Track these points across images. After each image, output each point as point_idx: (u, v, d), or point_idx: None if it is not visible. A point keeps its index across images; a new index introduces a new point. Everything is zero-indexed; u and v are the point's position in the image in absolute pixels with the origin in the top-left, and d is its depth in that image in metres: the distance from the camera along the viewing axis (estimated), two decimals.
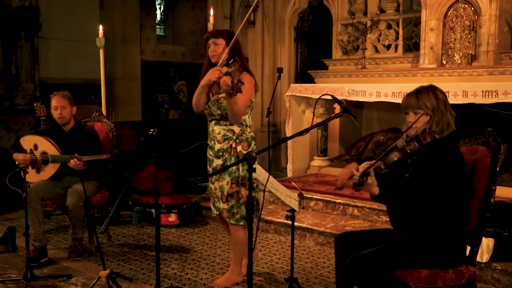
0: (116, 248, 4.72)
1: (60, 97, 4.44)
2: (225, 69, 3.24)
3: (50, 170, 4.33)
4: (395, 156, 2.55)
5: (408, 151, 2.56)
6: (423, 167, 2.58)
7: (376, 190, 2.56)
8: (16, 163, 4.21)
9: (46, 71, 8.77)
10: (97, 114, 5.07)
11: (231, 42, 3.39)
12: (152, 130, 3.23)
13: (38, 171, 4.35)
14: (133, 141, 7.91)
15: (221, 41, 3.48)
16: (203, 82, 3.42)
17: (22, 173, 3.84)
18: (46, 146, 4.32)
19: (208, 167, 3.69)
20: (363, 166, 2.59)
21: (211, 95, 3.52)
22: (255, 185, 3.48)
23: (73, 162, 4.08)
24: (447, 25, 5.60)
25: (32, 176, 4.29)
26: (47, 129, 4.53)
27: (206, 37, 3.55)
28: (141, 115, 10.03)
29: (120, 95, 9.78)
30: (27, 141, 4.37)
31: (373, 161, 2.57)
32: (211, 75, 3.32)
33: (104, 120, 4.98)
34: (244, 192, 3.52)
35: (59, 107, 4.42)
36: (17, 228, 4.73)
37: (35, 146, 4.33)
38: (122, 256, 4.47)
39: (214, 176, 3.58)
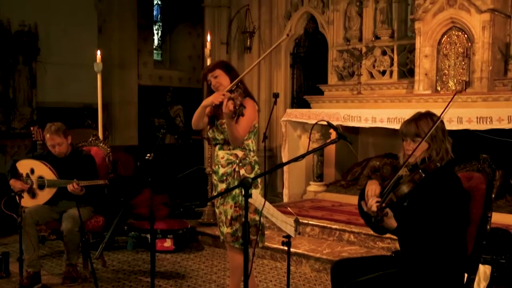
0: (111, 274, 4.67)
1: (54, 135, 4.35)
2: (228, 94, 3.32)
3: (46, 194, 4.31)
4: (406, 188, 2.51)
5: (417, 181, 2.54)
6: (424, 196, 2.56)
7: (394, 223, 2.51)
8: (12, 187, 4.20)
9: (43, 95, 8.81)
10: (93, 138, 5.07)
11: (237, 79, 3.47)
12: (148, 155, 3.24)
13: (33, 196, 4.33)
14: (129, 165, 7.90)
15: (219, 72, 3.54)
16: (205, 102, 3.48)
17: (17, 198, 3.83)
18: (43, 170, 4.31)
19: (213, 192, 3.70)
20: (375, 202, 2.54)
21: (216, 120, 3.56)
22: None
23: (71, 187, 4.07)
24: (441, 51, 5.67)
25: (27, 201, 4.27)
26: (44, 153, 4.52)
27: (203, 75, 3.61)
28: (138, 139, 10.05)
29: (117, 119, 9.81)
30: (24, 165, 4.36)
31: (383, 197, 2.54)
32: (214, 98, 3.38)
33: (101, 144, 4.98)
34: (248, 215, 3.53)
35: (56, 145, 4.39)
36: (11, 253, 4.68)
37: (32, 170, 4.32)
38: (116, 282, 4.42)
39: (219, 200, 3.59)
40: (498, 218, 4.42)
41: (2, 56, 8.30)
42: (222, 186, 3.58)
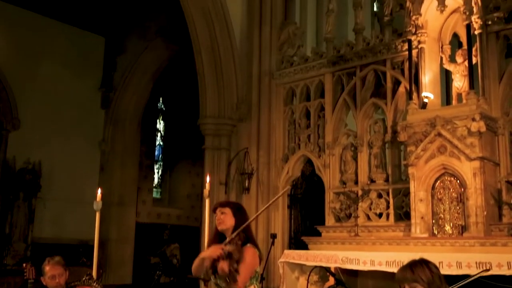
0: None
1: (55, 265, 4.31)
2: (227, 248, 3.31)
3: None
4: None
5: None
6: None
7: None
8: None
9: (40, 230, 8.78)
10: (87, 277, 4.95)
11: (244, 225, 3.48)
12: None
13: None
14: None
15: (228, 210, 3.61)
16: (203, 254, 3.46)
17: None
18: None
19: None
20: None
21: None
22: None
23: None
24: (436, 196, 5.78)
25: None
26: None
27: (214, 207, 3.70)
28: (132, 277, 9.79)
29: (112, 257, 9.66)
30: None
31: None
32: (213, 252, 3.37)
33: (94, 284, 4.85)
34: None
35: (57, 275, 4.31)
36: None
37: None
38: None
39: None
40: None
41: (3, 192, 8.43)
42: None
